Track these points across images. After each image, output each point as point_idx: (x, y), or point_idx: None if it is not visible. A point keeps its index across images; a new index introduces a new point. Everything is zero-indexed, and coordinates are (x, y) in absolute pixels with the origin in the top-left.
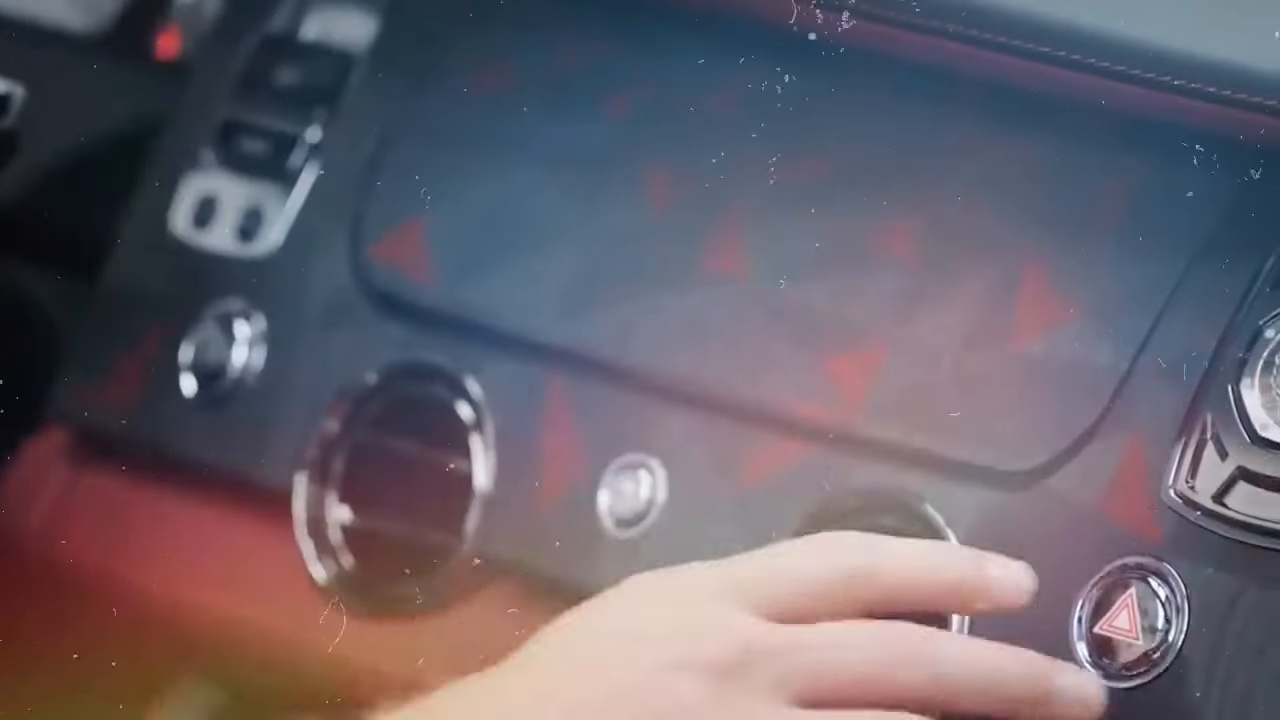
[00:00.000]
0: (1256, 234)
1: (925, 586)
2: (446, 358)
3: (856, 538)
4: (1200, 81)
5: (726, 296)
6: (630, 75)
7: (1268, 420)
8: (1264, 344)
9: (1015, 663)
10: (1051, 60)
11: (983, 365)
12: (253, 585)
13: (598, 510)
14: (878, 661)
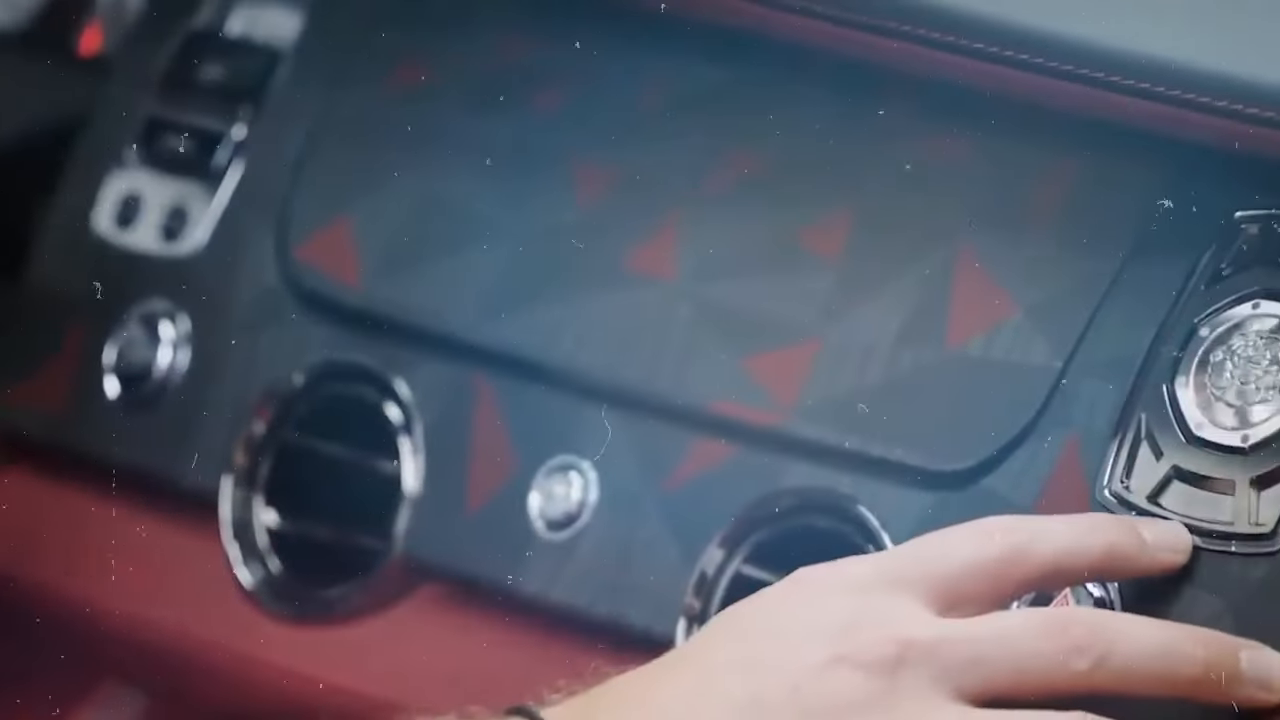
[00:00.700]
0: (1191, 231)
1: (1082, 554)
2: (374, 358)
3: (1008, 518)
4: (1134, 78)
5: (655, 295)
6: (557, 71)
7: (1202, 419)
8: (1198, 342)
9: (1193, 642)
10: (984, 56)
11: (916, 364)
12: (178, 590)
13: (528, 512)
14: (1044, 652)
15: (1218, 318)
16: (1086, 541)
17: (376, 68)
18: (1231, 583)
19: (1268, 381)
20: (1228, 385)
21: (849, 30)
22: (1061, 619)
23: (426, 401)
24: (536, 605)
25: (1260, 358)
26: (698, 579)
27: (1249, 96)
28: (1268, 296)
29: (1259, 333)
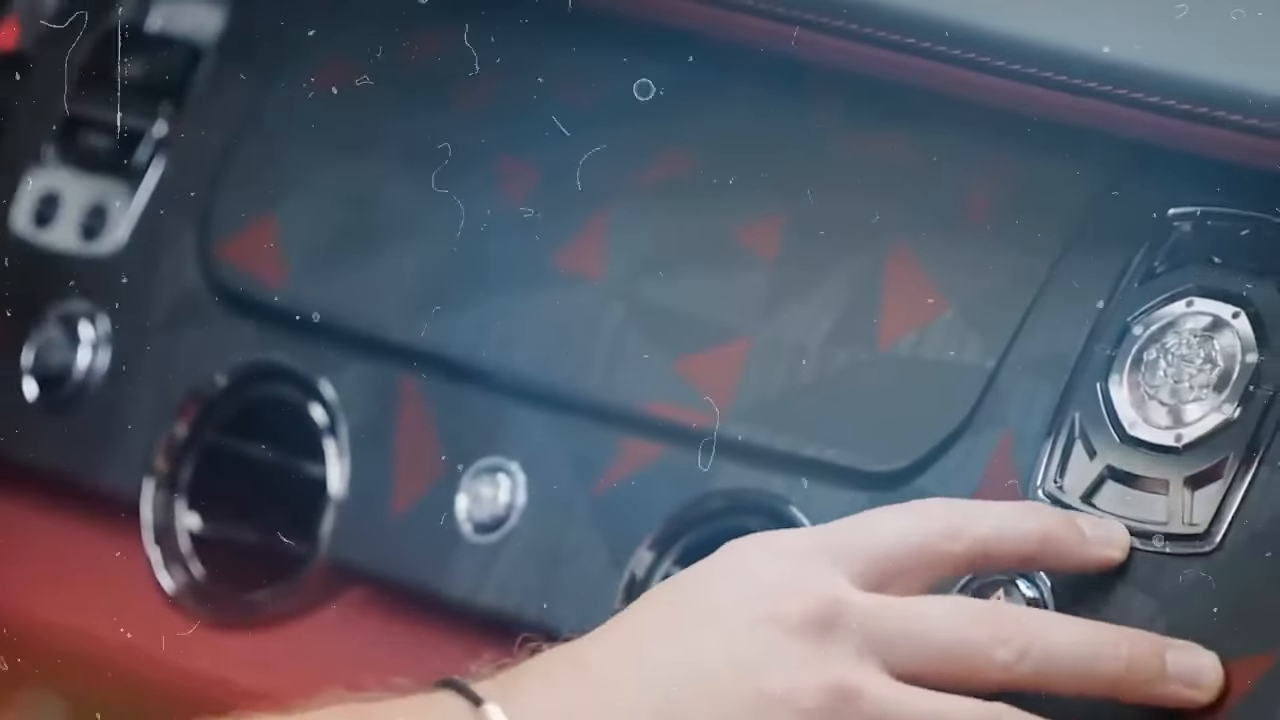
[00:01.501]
0: (1124, 229)
1: (1017, 538)
2: (298, 359)
3: (945, 500)
4: (1067, 75)
5: (584, 294)
6: (484, 67)
7: (1136, 418)
8: (1132, 340)
9: (1118, 640)
10: (917, 53)
11: (849, 363)
12: (98, 595)
13: (455, 515)
14: (971, 640)
15: (1151, 316)
16: (1023, 526)
17: (300, 64)
18: (1165, 583)
19: (1201, 380)
20: (1161, 384)
21: (782, 27)
22: (991, 610)
23: (352, 403)
24: (464, 609)
25: (1194, 356)
26: (628, 582)
27: (1182, 93)
28: (1201, 294)
29: (1192, 331)
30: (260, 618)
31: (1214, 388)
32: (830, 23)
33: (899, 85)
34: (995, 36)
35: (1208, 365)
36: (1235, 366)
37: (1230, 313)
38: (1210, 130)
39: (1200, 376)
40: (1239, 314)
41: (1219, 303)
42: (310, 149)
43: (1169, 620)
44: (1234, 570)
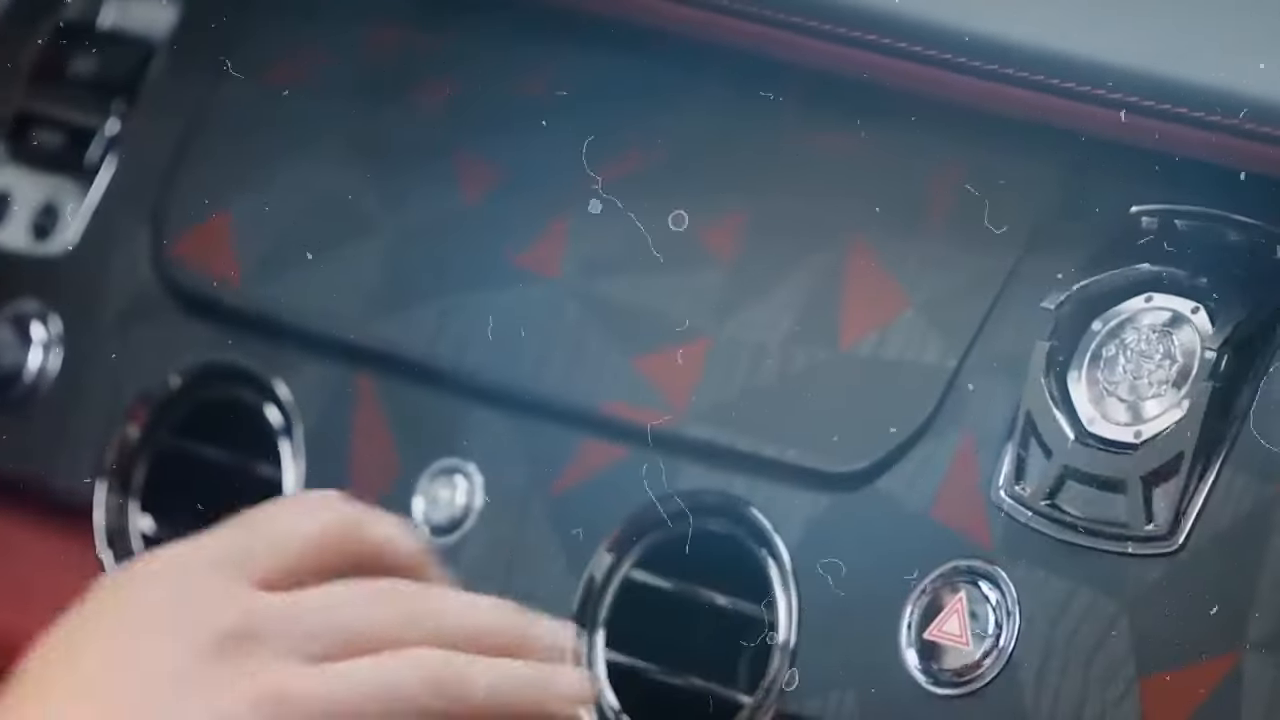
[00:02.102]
0: (1087, 226)
1: (407, 543)
2: (253, 359)
3: (340, 499)
4: (1029, 71)
5: (543, 293)
6: (441, 62)
7: (1094, 414)
8: (1090, 336)
9: (499, 613)
10: (879, 50)
11: (810, 363)
12: (49, 600)
13: (412, 517)
14: (377, 619)
15: (1110, 311)
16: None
17: (255, 60)
18: (1128, 584)
19: (1160, 376)
20: (1120, 380)
21: (742, 23)
22: (387, 589)
23: (307, 403)
24: None
25: (1153, 352)
26: (586, 584)
27: (1145, 90)
28: (1161, 289)
29: (1152, 326)
30: None
31: (1173, 384)
32: (790, 19)
33: (859, 82)
34: (956, 33)
35: (1167, 361)
36: (1194, 362)
37: (1190, 308)
38: (1173, 127)
39: (1159, 372)
40: (1198, 309)
41: (1178, 298)
42: (265, 146)
43: (1132, 622)
44: (1197, 571)
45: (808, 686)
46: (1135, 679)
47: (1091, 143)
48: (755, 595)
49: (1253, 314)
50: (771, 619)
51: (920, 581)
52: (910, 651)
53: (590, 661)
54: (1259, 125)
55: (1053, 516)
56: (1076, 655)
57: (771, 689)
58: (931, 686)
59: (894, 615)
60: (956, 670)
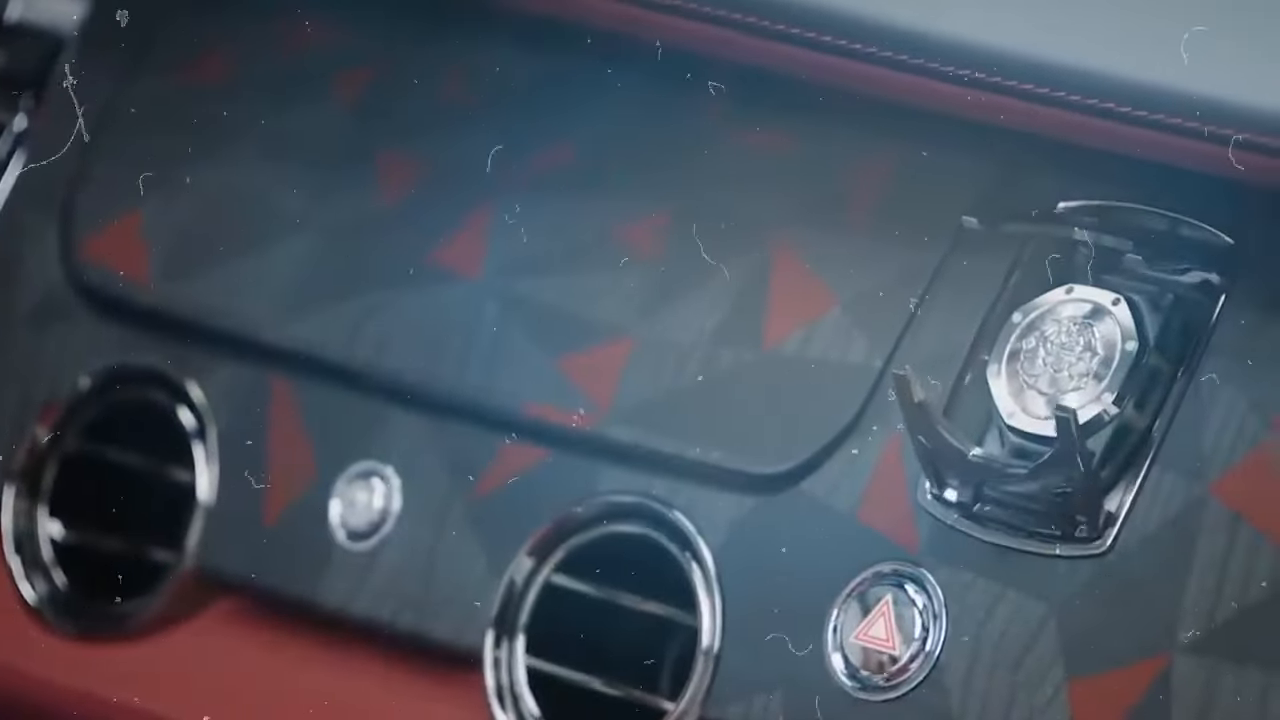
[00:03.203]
0: (1013, 221)
1: None
2: (166, 360)
3: None
4: (955, 66)
5: (463, 292)
6: (360, 58)
7: (1014, 408)
8: (1010, 328)
9: None
10: (803, 43)
11: (734, 363)
12: None
13: (329, 522)
14: None
15: (1030, 303)
16: None
17: (167, 55)
18: (1056, 586)
19: (1081, 368)
20: (1040, 373)
21: (664, 18)
22: None
23: (221, 406)
24: (338, 619)
25: (1073, 344)
26: (506, 589)
27: (1072, 85)
28: (1081, 281)
29: (1072, 318)
30: (127, 629)
31: (1094, 376)
32: (713, 13)
33: (783, 78)
34: (880, 27)
35: (1088, 353)
36: (1115, 354)
37: (1110, 300)
38: (1100, 123)
39: (1080, 365)
40: (1119, 301)
41: (1099, 290)
42: (178, 142)
43: (1060, 625)
44: (1126, 573)
45: (732, 691)
46: (1064, 682)
47: (1019, 138)
48: (679, 599)
49: (1174, 307)
50: (695, 623)
51: (846, 585)
52: (836, 655)
53: (511, 667)
54: (1185, 120)
55: (979, 518)
56: (1004, 658)
57: (695, 694)
58: (858, 691)
59: (820, 619)
60: (884, 675)
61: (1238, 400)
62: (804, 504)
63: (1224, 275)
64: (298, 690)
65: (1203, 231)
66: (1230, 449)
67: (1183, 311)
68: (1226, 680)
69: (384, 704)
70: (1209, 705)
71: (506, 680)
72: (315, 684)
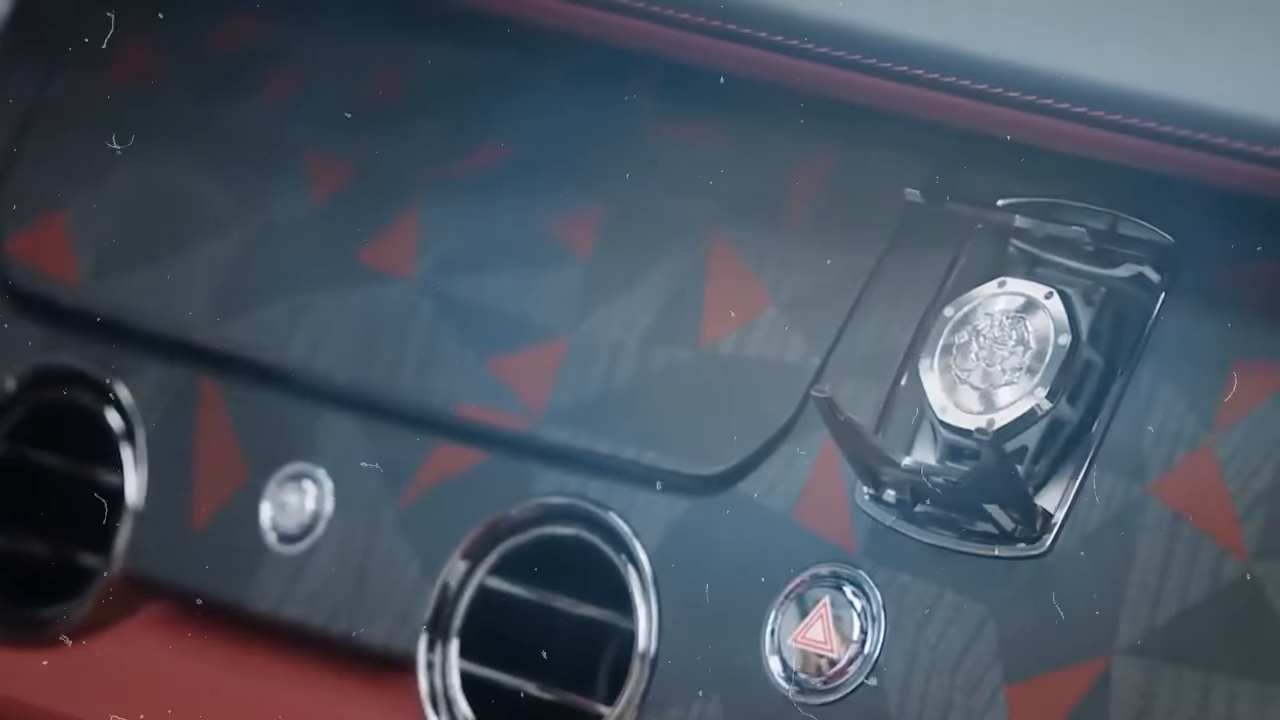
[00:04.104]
0: (953, 220)
1: None
2: (92, 362)
3: None
4: (893, 62)
5: (395, 292)
6: (289, 54)
7: (947, 403)
8: (943, 322)
9: None
10: (737, 38)
11: (669, 363)
12: None
13: (259, 525)
14: None
15: (962, 297)
16: None
17: (95, 51)
18: (995, 587)
19: (1013, 363)
20: (973, 367)
21: (598, 13)
22: None
23: (149, 408)
24: (269, 624)
25: (1006, 338)
26: (440, 592)
27: (1012, 82)
28: (1014, 274)
29: (1004, 312)
30: (54, 634)
31: (1027, 370)
32: (648, 8)
33: (720, 72)
34: (816, 22)
35: (1020, 348)
36: (1048, 348)
37: (1043, 293)
38: (1041, 120)
39: (1012, 359)
40: (1052, 294)
41: (1031, 283)
42: (105, 141)
43: (999, 627)
44: (1065, 574)
45: (669, 695)
46: (1002, 685)
47: (958, 135)
48: (615, 602)
49: (1108, 301)
50: (631, 627)
51: (784, 587)
52: (774, 658)
53: (444, 671)
54: (1125, 117)
55: (917, 519)
56: (943, 661)
57: (631, 699)
58: (796, 694)
59: (757, 622)
60: (822, 678)
61: (1177, 400)
62: (741, 505)
63: (1164, 273)
64: (228, 696)
65: (1142, 229)
66: (1170, 449)
67: (1117, 305)
68: (1166, 682)
69: (316, 709)
70: (1148, 707)
71: (440, 684)
72: (246, 689)
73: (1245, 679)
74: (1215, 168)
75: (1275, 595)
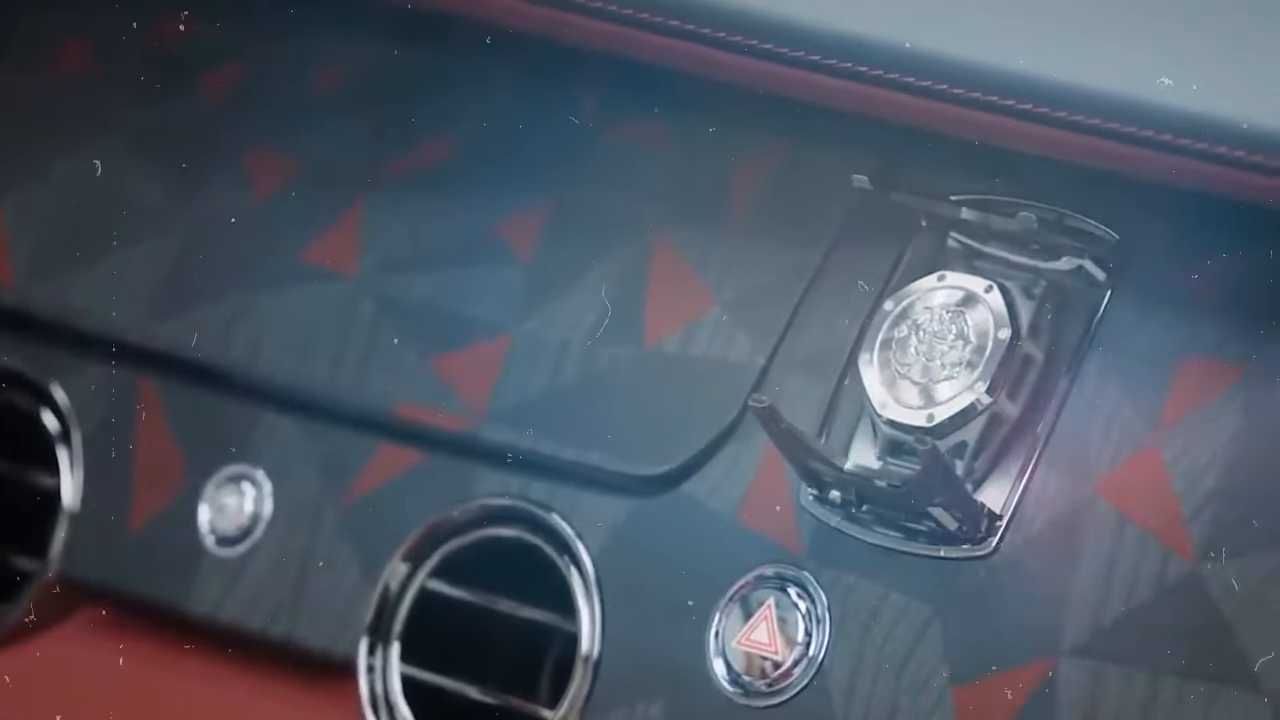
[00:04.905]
0: (898, 216)
1: None
2: (27, 362)
3: None
4: (837, 58)
5: (336, 291)
6: (228, 52)
7: (887, 398)
8: (882, 316)
9: None
10: (681, 35)
11: (613, 362)
12: None
13: (197, 527)
14: None
15: (901, 290)
16: None
17: (30, 49)
18: (941, 588)
19: (953, 357)
20: (913, 362)
21: (542, 10)
22: None
23: (86, 409)
24: (207, 627)
25: (945, 332)
26: (381, 595)
27: (956, 79)
28: (953, 268)
29: (944, 306)
30: None
31: (967, 365)
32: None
33: (664, 69)
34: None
35: (960, 341)
36: (988, 342)
37: (983, 287)
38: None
39: (952, 354)
40: (991, 288)
41: (971, 276)
42: (41, 138)
43: (946, 626)
44: (1011, 575)
45: (612, 698)
46: (948, 686)
47: (903, 133)
48: (558, 605)
49: (1048, 294)
50: (574, 629)
51: (728, 589)
52: (718, 661)
53: (385, 675)
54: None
55: (862, 520)
56: (888, 663)
57: (574, 702)
58: (740, 697)
59: (701, 624)
60: (767, 680)
61: (1124, 399)
62: (685, 506)
63: (1110, 271)
64: (165, 701)
65: (1087, 225)
66: (1116, 448)
67: (1058, 299)
68: (1112, 683)
69: (255, 713)
70: (1094, 708)
71: (381, 688)
72: (183, 694)
73: (1191, 679)
74: (1162, 165)
75: (1221, 595)
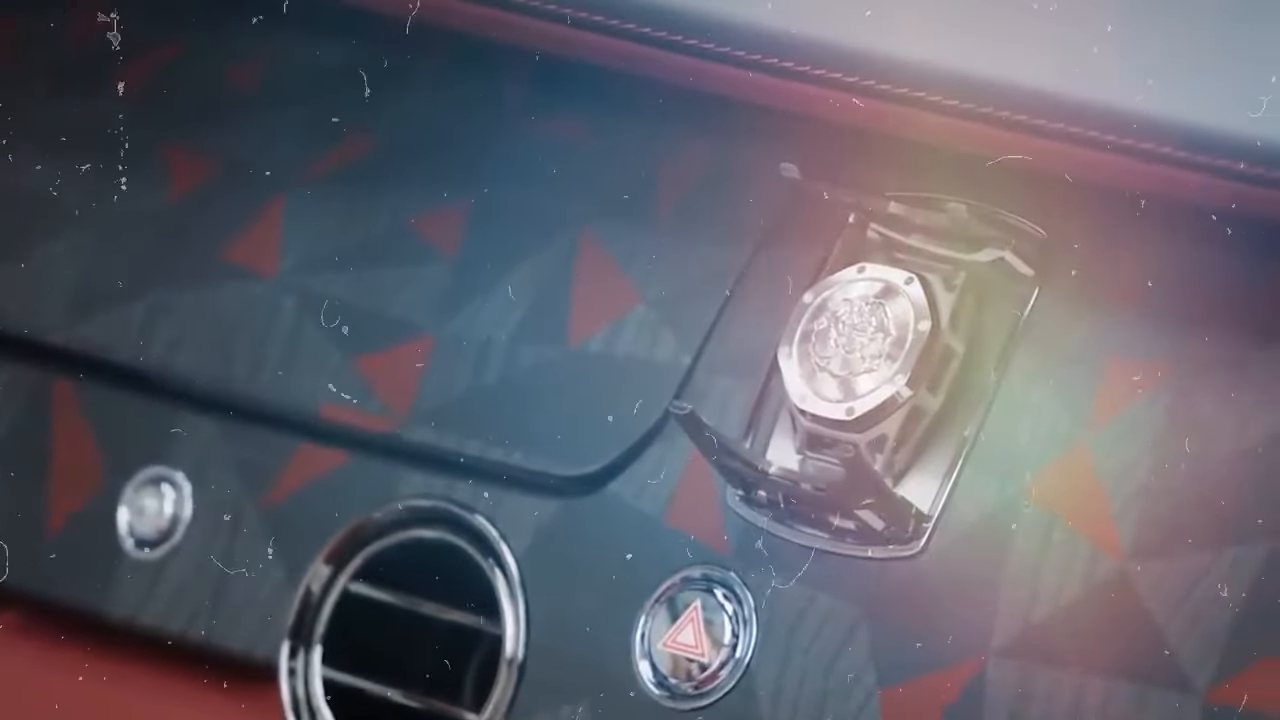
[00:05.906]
0: (828, 215)
1: None
2: None
3: None
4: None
5: (256, 290)
6: (144, 45)
7: (806, 391)
8: (802, 309)
9: None
10: (606, 30)
11: (537, 361)
12: None
13: (116, 530)
14: None
15: (820, 283)
16: None
17: None
18: (868, 588)
19: (873, 350)
20: (833, 354)
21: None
22: None
23: (0, 410)
24: (126, 631)
25: (865, 325)
26: (303, 597)
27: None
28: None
29: (863, 298)
30: None
31: (887, 357)
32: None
33: (589, 65)
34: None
35: (880, 334)
36: (909, 335)
37: (903, 279)
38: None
39: (872, 346)
40: (911, 280)
41: (891, 268)
42: None
43: (873, 627)
44: (939, 575)
45: (537, 701)
46: (875, 688)
47: (831, 130)
48: (483, 607)
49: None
50: (499, 632)
51: (654, 590)
52: (644, 663)
53: (307, 679)
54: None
55: (789, 520)
56: (815, 664)
57: (499, 705)
58: (666, 699)
59: (627, 626)
60: (694, 683)
61: (1052, 397)
62: (611, 507)
63: (1037, 268)
64: (83, 706)
65: (1014, 221)
66: (1044, 447)
67: (979, 290)
68: (1040, 683)
69: (175, 718)
70: (1023, 708)
71: (303, 692)
72: (102, 699)
73: (1119, 679)
74: (1090, 162)
75: (1149, 594)
